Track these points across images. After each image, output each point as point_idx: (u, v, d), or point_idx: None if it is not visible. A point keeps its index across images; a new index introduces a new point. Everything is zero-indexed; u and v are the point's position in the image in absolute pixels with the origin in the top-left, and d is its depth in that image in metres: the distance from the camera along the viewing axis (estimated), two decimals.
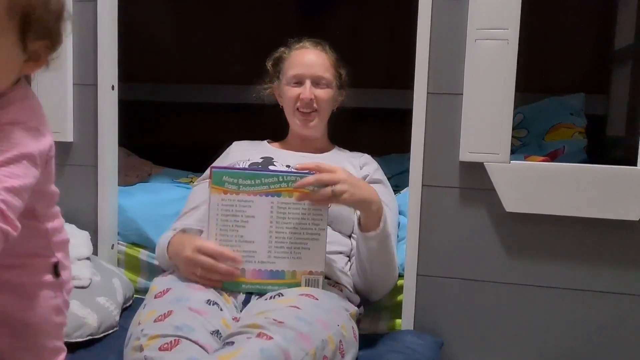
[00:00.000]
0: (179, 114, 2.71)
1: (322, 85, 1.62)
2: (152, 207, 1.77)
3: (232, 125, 2.23)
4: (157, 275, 1.43)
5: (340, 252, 1.49)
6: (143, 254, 1.75)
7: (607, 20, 2.26)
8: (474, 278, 1.46)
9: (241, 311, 1.29)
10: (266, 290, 1.31)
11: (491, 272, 1.45)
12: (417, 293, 1.48)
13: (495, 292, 1.45)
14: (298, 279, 1.31)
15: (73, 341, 1.30)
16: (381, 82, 2.41)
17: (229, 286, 1.31)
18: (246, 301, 1.32)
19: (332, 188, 1.28)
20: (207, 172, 1.64)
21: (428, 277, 1.48)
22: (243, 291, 1.31)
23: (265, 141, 1.75)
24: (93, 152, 1.67)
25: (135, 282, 1.72)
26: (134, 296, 1.65)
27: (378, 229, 1.35)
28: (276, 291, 1.29)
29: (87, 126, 1.66)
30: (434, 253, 1.47)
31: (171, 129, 2.71)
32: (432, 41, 1.42)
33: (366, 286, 1.45)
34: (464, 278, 1.46)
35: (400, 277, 1.50)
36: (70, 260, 1.01)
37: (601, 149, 2.13)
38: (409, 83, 1.46)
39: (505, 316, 1.45)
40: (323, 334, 1.16)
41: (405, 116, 1.53)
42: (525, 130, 2.13)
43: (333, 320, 1.22)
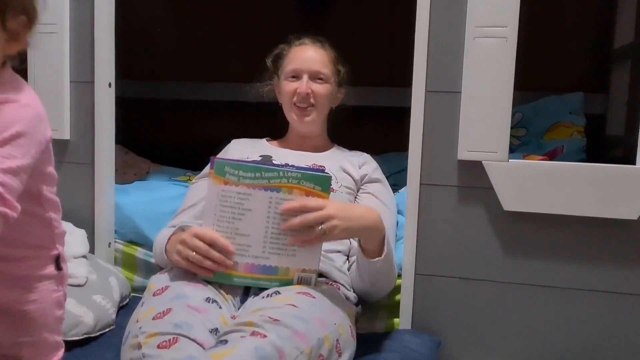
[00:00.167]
0: (177, 112, 2.70)
1: (320, 80, 1.62)
2: (150, 205, 1.77)
3: (231, 123, 2.23)
4: (154, 273, 1.42)
5: (338, 251, 1.49)
6: (140, 252, 1.74)
7: (607, 18, 2.25)
8: (472, 277, 1.45)
9: (239, 309, 1.29)
10: (258, 284, 1.30)
11: (489, 271, 1.44)
12: (415, 292, 1.48)
13: (493, 291, 1.45)
14: (291, 276, 1.30)
15: (69, 339, 1.29)
16: (380, 80, 2.40)
17: (221, 278, 1.29)
18: (244, 299, 1.31)
19: (321, 227, 1.25)
20: (205, 170, 1.64)
21: (426, 276, 1.48)
22: (234, 284, 1.30)
23: (264, 139, 1.74)
24: (90, 150, 1.66)
25: (132, 281, 1.71)
26: (131, 294, 1.65)
27: (382, 255, 1.33)
28: (269, 287, 1.28)
29: (84, 124, 1.66)
30: (432, 252, 1.47)
31: (169, 127, 2.71)
32: (431, 39, 1.42)
33: (366, 292, 1.45)
34: (462, 277, 1.46)
35: (398, 277, 1.49)
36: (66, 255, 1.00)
37: (600, 148, 2.13)
38: (408, 81, 1.45)
39: (503, 315, 1.45)
40: (319, 333, 1.15)
41: (403, 114, 1.52)
42: (524, 129, 2.12)
43: (330, 318, 1.22)
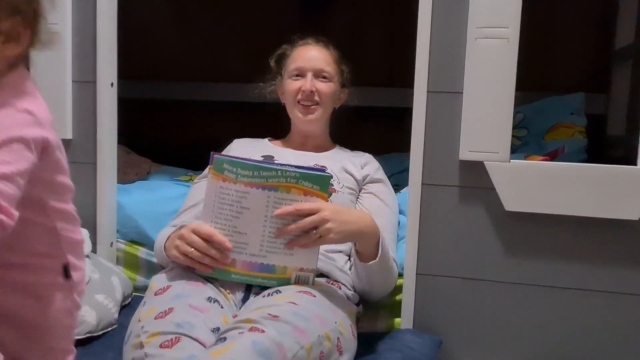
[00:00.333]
0: (179, 112, 2.70)
1: (324, 78, 1.62)
2: (151, 205, 1.77)
3: (232, 123, 2.23)
4: (156, 273, 1.42)
5: (340, 251, 1.49)
6: (142, 252, 1.74)
7: (608, 19, 2.25)
8: (473, 277, 1.46)
9: (240, 308, 1.29)
10: (256, 282, 1.30)
11: (490, 271, 1.45)
12: (417, 292, 1.48)
13: (494, 291, 1.45)
14: (288, 275, 1.30)
15: None
16: (381, 81, 2.40)
17: (219, 274, 1.30)
18: (245, 298, 1.32)
19: (316, 231, 1.25)
20: (207, 170, 1.64)
21: (427, 276, 1.48)
22: (232, 280, 1.30)
23: (266, 139, 1.74)
24: (92, 150, 1.66)
25: (134, 280, 1.72)
26: (133, 294, 1.65)
27: (377, 258, 1.33)
28: (267, 285, 1.29)
29: (86, 123, 1.66)
30: (434, 252, 1.47)
31: (171, 127, 2.71)
32: (433, 40, 1.42)
33: (366, 293, 1.45)
34: (463, 277, 1.46)
35: (399, 276, 1.50)
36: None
37: (601, 149, 2.13)
38: (409, 82, 1.45)
39: (504, 315, 1.45)
40: (320, 330, 1.15)
41: (405, 115, 1.52)
42: (525, 129, 2.12)
43: (330, 317, 1.22)
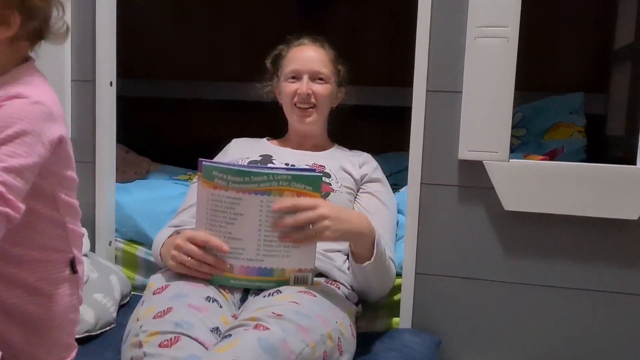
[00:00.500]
0: (178, 111, 2.70)
1: (320, 80, 1.62)
2: (150, 204, 1.77)
3: (231, 122, 2.23)
4: (155, 272, 1.42)
5: (338, 250, 1.49)
6: (141, 251, 1.74)
7: (607, 19, 2.25)
8: (472, 277, 1.46)
9: (239, 308, 1.29)
10: (255, 286, 1.30)
11: (489, 271, 1.45)
12: (415, 292, 1.48)
13: (493, 291, 1.45)
14: (287, 277, 1.30)
15: None
16: (380, 80, 2.40)
17: (218, 280, 1.30)
18: (244, 298, 1.32)
19: (312, 227, 1.24)
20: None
21: (426, 276, 1.48)
22: (232, 286, 1.30)
23: (264, 139, 1.74)
24: (91, 149, 1.66)
25: (132, 279, 1.71)
26: (132, 293, 1.65)
27: (372, 259, 1.33)
28: (267, 288, 1.28)
29: (85, 122, 1.66)
30: (433, 251, 1.47)
31: (170, 126, 2.71)
32: (432, 39, 1.42)
33: (364, 292, 1.45)
34: (462, 277, 1.46)
35: (398, 276, 1.50)
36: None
37: (600, 148, 2.13)
38: (409, 81, 1.45)
39: (503, 315, 1.45)
40: (322, 329, 1.15)
41: (404, 114, 1.52)
42: (524, 129, 2.12)
43: (331, 317, 1.22)
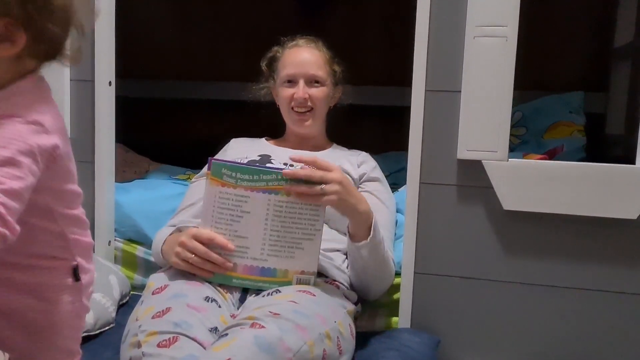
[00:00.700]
0: (177, 111, 2.70)
1: (317, 83, 1.61)
2: (149, 204, 1.77)
3: (230, 122, 2.22)
4: (154, 272, 1.42)
5: (337, 250, 1.49)
6: (140, 251, 1.74)
7: (607, 18, 2.25)
8: (472, 276, 1.45)
9: (238, 308, 1.29)
10: (257, 286, 1.30)
11: (488, 270, 1.45)
12: (414, 291, 1.48)
13: (492, 290, 1.45)
14: (290, 278, 1.30)
15: None
16: (379, 79, 2.40)
17: (220, 279, 1.30)
18: (243, 298, 1.32)
19: (322, 187, 1.25)
20: (205, 169, 1.63)
21: (425, 275, 1.48)
22: (233, 285, 1.30)
23: (263, 138, 1.74)
24: (90, 148, 1.66)
25: (131, 279, 1.71)
26: (131, 293, 1.65)
27: (368, 238, 1.33)
28: (268, 288, 1.29)
29: (85, 122, 1.66)
30: (432, 251, 1.47)
31: (169, 126, 2.71)
32: (431, 38, 1.42)
33: (362, 287, 1.45)
34: (461, 276, 1.46)
35: (397, 275, 1.50)
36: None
37: (600, 147, 2.12)
38: (407, 80, 1.45)
39: (502, 314, 1.45)
40: (321, 328, 1.16)
41: (403, 113, 1.52)
42: (524, 128, 2.12)
43: (330, 316, 1.22)
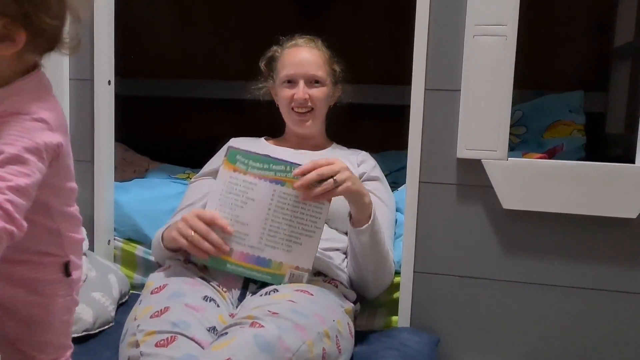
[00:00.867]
0: (177, 110, 2.70)
1: (317, 83, 1.60)
2: (149, 203, 1.77)
3: (230, 121, 2.22)
4: (153, 271, 1.42)
5: (337, 249, 1.49)
6: (139, 250, 1.74)
7: (607, 17, 2.25)
8: (471, 275, 1.45)
9: (237, 307, 1.29)
10: (250, 275, 1.31)
11: (488, 270, 1.44)
12: (414, 290, 1.48)
13: (492, 290, 1.45)
14: (283, 272, 1.31)
15: None
16: (379, 78, 2.40)
17: (215, 262, 1.31)
18: (241, 297, 1.32)
19: (335, 177, 1.27)
20: (205, 169, 1.64)
21: (425, 274, 1.48)
22: (227, 270, 1.31)
23: (262, 138, 1.74)
24: (89, 148, 1.66)
25: (131, 278, 1.71)
26: (130, 292, 1.65)
27: (369, 222, 1.35)
28: (261, 279, 1.30)
29: (84, 121, 1.65)
30: (431, 250, 1.47)
31: (169, 125, 2.71)
32: (430, 37, 1.41)
33: (362, 282, 1.45)
34: (461, 275, 1.46)
35: (396, 274, 1.50)
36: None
37: (600, 147, 2.12)
38: (407, 79, 1.45)
39: (502, 314, 1.45)
40: (319, 327, 1.16)
41: (403, 112, 1.52)
42: (524, 127, 2.12)
43: (329, 315, 1.22)
